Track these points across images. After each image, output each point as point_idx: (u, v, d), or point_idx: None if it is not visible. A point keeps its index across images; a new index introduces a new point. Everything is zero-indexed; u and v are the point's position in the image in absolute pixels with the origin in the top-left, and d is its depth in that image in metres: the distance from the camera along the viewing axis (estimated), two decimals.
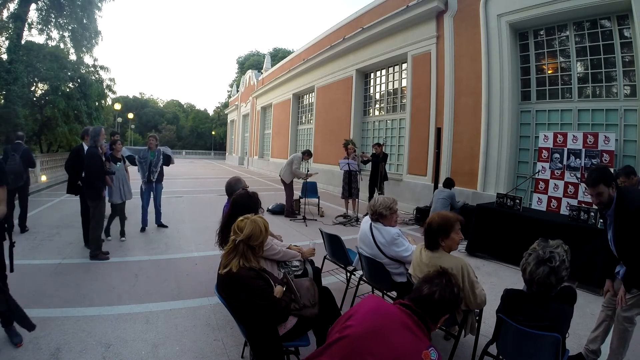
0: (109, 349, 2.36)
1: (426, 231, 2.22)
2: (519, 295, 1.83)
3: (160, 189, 5.77)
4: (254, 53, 44.87)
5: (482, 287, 2.16)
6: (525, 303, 1.77)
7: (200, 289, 3.43)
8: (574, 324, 2.98)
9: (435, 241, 2.16)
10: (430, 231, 2.18)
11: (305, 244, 2.83)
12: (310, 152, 7.64)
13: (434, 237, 2.16)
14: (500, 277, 4.13)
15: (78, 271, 3.76)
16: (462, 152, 7.26)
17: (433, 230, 2.16)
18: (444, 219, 2.18)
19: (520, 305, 1.78)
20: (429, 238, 2.19)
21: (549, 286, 1.70)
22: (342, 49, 11.40)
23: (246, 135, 26.81)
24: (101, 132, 4.25)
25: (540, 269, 1.69)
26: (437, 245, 2.17)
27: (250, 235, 1.86)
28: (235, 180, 3.23)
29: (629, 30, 5.17)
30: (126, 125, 39.68)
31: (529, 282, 1.76)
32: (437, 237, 2.15)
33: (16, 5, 12.66)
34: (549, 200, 5.52)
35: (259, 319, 1.81)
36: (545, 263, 1.69)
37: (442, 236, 2.14)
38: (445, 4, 7.63)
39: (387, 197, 2.83)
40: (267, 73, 21.51)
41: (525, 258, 1.79)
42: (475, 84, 6.93)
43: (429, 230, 2.19)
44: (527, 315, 1.72)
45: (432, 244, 2.18)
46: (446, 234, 2.14)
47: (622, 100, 5.30)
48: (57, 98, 13.13)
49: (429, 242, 2.21)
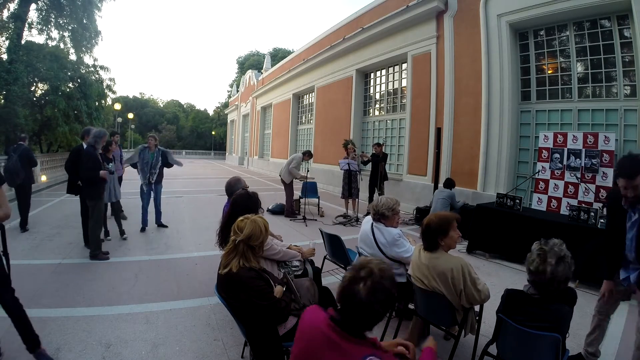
0: (109, 349, 2.36)
1: (424, 232, 2.21)
2: (520, 295, 1.83)
3: (159, 190, 5.74)
4: (254, 53, 44.88)
5: (484, 282, 2.15)
6: (525, 304, 1.77)
7: (200, 289, 3.43)
8: (574, 324, 2.98)
9: (435, 241, 2.16)
10: (429, 232, 2.17)
11: (305, 244, 2.84)
12: (311, 152, 7.64)
13: (433, 237, 2.16)
14: (500, 277, 4.13)
15: (78, 271, 3.76)
16: (462, 152, 7.25)
17: (432, 231, 2.16)
18: (442, 218, 2.18)
19: (520, 306, 1.77)
20: (428, 239, 2.19)
21: (567, 281, 1.72)
22: (342, 49, 11.40)
23: (246, 135, 26.82)
24: (104, 137, 4.29)
25: (561, 267, 1.68)
26: (436, 246, 2.16)
27: (250, 235, 1.86)
28: (235, 180, 3.23)
29: (629, 30, 5.16)
30: (126, 125, 39.67)
31: (550, 281, 1.69)
32: (436, 237, 2.15)
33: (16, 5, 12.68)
34: (549, 200, 5.52)
35: (259, 319, 1.81)
36: (564, 260, 1.70)
37: (441, 235, 2.14)
38: (445, 4, 7.63)
39: (389, 197, 2.83)
40: (267, 73, 21.50)
41: (540, 260, 1.71)
42: (475, 84, 6.93)
43: (427, 231, 2.18)
44: (528, 316, 1.72)
45: (431, 245, 2.18)
46: (445, 233, 2.14)
47: (622, 100, 5.30)
48: (58, 98, 13.14)
49: (427, 244, 2.20)
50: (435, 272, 2.11)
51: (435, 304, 2.18)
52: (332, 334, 1.13)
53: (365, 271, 1.14)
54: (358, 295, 1.10)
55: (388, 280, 1.15)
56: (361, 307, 1.10)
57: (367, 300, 1.09)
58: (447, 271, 2.06)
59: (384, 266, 1.19)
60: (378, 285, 1.11)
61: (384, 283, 1.13)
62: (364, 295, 1.09)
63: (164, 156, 5.66)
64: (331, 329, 1.14)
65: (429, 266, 2.15)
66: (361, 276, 1.13)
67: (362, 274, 1.13)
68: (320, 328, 1.17)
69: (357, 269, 1.16)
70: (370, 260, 1.21)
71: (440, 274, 2.09)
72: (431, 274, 2.14)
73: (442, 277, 2.08)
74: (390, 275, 1.17)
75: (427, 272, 2.16)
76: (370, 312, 1.11)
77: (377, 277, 1.12)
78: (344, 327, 1.13)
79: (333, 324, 1.14)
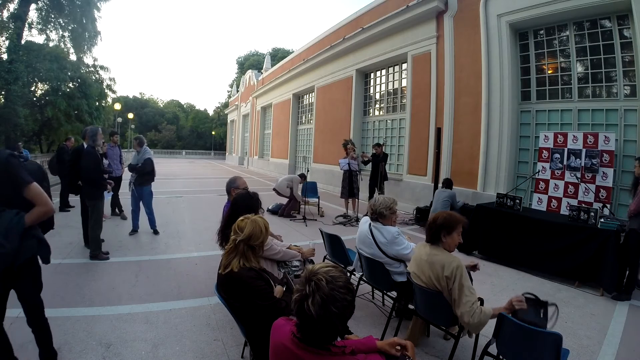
0: (109, 349, 2.36)
1: (430, 224, 2.22)
2: None
3: (145, 193, 5.30)
4: (253, 53, 44.88)
5: (478, 304, 1.97)
6: None
7: (200, 289, 3.43)
8: (574, 324, 2.99)
9: (438, 235, 2.17)
10: (434, 225, 2.18)
11: (305, 244, 2.84)
12: (305, 175, 7.61)
13: (437, 231, 2.17)
14: (500, 277, 4.12)
15: (78, 271, 3.76)
16: (462, 152, 7.26)
17: (438, 225, 2.17)
18: (451, 216, 2.19)
19: None
20: (432, 232, 2.20)
21: None
22: (342, 49, 11.40)
23: (246, 135, 26.81)
24: (98, 132, 4.24)
25: None
26: (438, 240, 2.17)
27: (250, 235, 1.86)
28: (234, 178, 3.25)
29: (629, 30, 5.17)
30: (126, 125, 39.64)
31: None
32: (439, 232, 2.16)
33: (16, 5, 12.70)
34: (549, 200, 5.52)
35: (259, 319, 1.81)
36: None
37: (444, 232, 2.15)
38: (445, 4, 7.63)
39: (387, 197, 2.84)
40: (267, 73, 21.50)
41: None
42: (475, 84, 6.93)
43: (433, 223, 2.19)
44: None
45: (434, 238, 2.19)
46: (449, 231, 2.15)
47: (622, 100, 5.30)
48: (58, 98, 13.17)
49: (431, 236, 2.21)
50: (433, 268, 2.12)
51: (435, 303, 2.18)
52: (295, 349, 1.11)
53: (312, 285, 1.07)
54: (309, 312, 1.04)
55: (340, 290, 1.06)
56: (317, 323, 1.05)
57: (320, 316, 1.03)
58: (440, 267, 2.08)
59: (334, 273, 1.11)
60: (329, 298, 1.04)
61: (334, 295, 1.05)
62: (315, 312, 1.03)
63: (146, 159, 5.31)
64: (294, 344, 1.12)
65: (429, 261, 2.16)
66: (308, 292, 1.06)
67: (309, 290, 1.06)
68: (285, 344, 1.15)
69: (304, 283, 1.09)
70: (317, 270, 1.11)
71: (435, 270, 2.11)
72: (430, 270, 2.14)
73: (436, 272, 2.10)
74: (342, 283, 1.09)
75: (426, 268, 2.16)
76: (328, 325, 1.06)
77: (327, 290, 1.05)
78: (307, 341, 1.09)
79: (295, 339, 1.12)
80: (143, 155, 5.31)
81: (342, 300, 1.06)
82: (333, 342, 1.13)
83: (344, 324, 1.11)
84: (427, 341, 2.66)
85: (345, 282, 1.10)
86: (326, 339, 1.11)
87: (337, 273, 1.12)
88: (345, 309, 1.07)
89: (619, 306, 3.40)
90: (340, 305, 1.05)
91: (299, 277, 2.43)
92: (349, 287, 1.10)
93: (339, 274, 1.11)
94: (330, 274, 1.10)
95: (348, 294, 1.09)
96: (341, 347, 1.13)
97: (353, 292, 1.13)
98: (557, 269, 3.99)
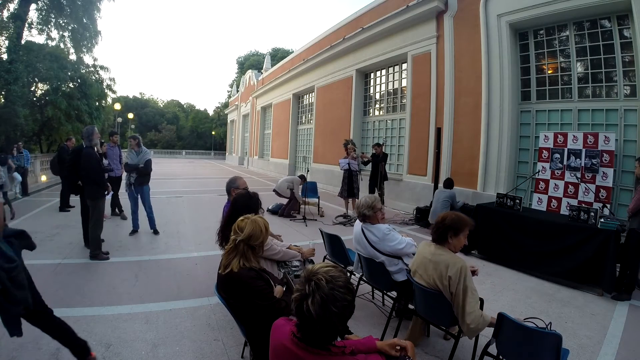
0: (109, 349, 2.36)
1: (437, 224, 2.21)
2: None
3: (144, 192, 5.28)
4: (253, 53, 44.83)
5: (478, 308, 2.01)
6: None
7: (200, 289, 3.43)
8: (574, 324, 2.99)
9: (444, 236, 2.16)
10: (442, 224, 2.18)
11: (305, 244, 2.84)
12: (305, 176, 7.63)
13: (445, 231, 2.16)
14: (500, 277, 4.12)
15: (78, 271, 3.76)
16: (462, 152, 7.25)
17: (446, 225, 2.16)
18: (459, 217, 2.18)
19: None
20: (439, 232, 2.19)
21: None
22: (342, 49, 11.39)
23: (246, 135, 26.80)
24: (94, 132, 4.23)
25: None
26: (444, 240, 2.17)
27: (250, 235, 1.86)
28: (234, 178, 3.25)
29: (629, 30, 5.16)
30: (126, 125, 39.64)
31: None
32: (447, 232, 2.15)
33: (16, 5, 12.69)
34: (549, 200, 5.52)
35: (259, 319, 1.81)
36: None
37: (451, 233, 2.15)
38: (445, 4, 7.63)
39: (368, 196, 2.85)
40: (267, 73, 21.50)
41: None
42: (475, 84, 6.93)
43: (441, 223, 2.19)
44: None
45: (441, 238, 2.18)
46: (456, 233, 2.14)
47: (622, 100, 5.30)
48: (59, 98, 13.17)
49: (437, 236, 2.20)
50: (437, 267, 2.12)
51: (435, 303, 2.18)
52: (295, 349, 1.11)
53: (312, 285, 1.07)
54: (309, 312, 1.04)
55: (339, 290, 1.07)
56: (316, 323, 1.05)
57: (320, 315, 1.03)
58: (444, 267, 2.07)
59: (334, 273, 1.11)
60: (328, 298, 1.04)
61: (334, 294, 1.05)
62: (315, 312, 1.03)
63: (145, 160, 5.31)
64: (294, 344, 1.12)
65: (433, 260, 2.15)
66: (308, 292, 1.06)
67: (308, 289, 1.07)
68: (284, 344, 1.15)
69: (304, 283, 1.10)
70: (317, 270, 1.12)
71: (439, 269, 2.10)
72: (433, 269, 2.14)
73: (440, 272, 2.09)
74: (341, 282, 1.09)
75: (430, 267, 2.16)
76: (328, 325, 1.06)
77: (326, 290, 1.05)
78: (306, 341, 1.10)
79: (295, 339, 1.12)
80: (144, 155, 5.33)
81: (342, 300, 1.06)
82: (333, 342, 1.13)
83: (344, 323, 1.11)
84: (427, 341, 2.66)
85: (345, 281, 1.11)
86: (326, 339, 1.11)
87: (337, 273, 1.12)
88: (345, 308, 1.07)
89: (618, 306, 3.40)
90: (340, 305, 1.05)
91: (299, 277, 2.44)
92: (348, 286, 1.11)
93: (338, 274, 1.12)
94: (330, 273, 1.10)
95: (348, 293, 1.09)
96: (341, 347, 1.13)
97: (353, 292, 1.13)
98: (557, 268, 3.99)
